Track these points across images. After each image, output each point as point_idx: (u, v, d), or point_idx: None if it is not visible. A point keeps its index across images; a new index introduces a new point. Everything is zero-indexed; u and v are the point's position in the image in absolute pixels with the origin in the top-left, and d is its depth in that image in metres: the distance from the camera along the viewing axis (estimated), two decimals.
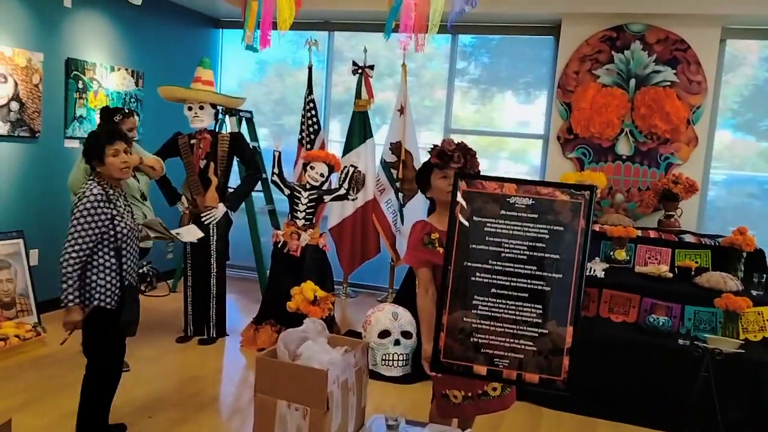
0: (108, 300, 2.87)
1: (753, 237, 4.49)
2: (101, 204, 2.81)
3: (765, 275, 4.33)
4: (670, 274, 4.42)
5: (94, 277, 2.84)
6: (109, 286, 2.86)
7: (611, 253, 4.68)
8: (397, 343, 4.26)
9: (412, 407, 3.86)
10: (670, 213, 5.21)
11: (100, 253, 2.84)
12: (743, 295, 3.94)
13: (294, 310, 4.39)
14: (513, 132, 6.51)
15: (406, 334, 4.28)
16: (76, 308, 2.82)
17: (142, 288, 6.07)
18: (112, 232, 2.85)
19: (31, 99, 4.94)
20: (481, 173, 2.61)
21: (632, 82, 5.58)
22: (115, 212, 2.86)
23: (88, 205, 2.78)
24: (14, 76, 4.79)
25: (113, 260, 2.87)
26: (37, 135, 5.02)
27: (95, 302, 2.85)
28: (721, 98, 5.69)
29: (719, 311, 3.93)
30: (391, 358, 4.25)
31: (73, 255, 2.76)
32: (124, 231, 2.89)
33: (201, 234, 3.56)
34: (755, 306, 3.93)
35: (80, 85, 5.39)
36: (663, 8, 5.37)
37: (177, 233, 3.33)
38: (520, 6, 5.66)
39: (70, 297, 2.80)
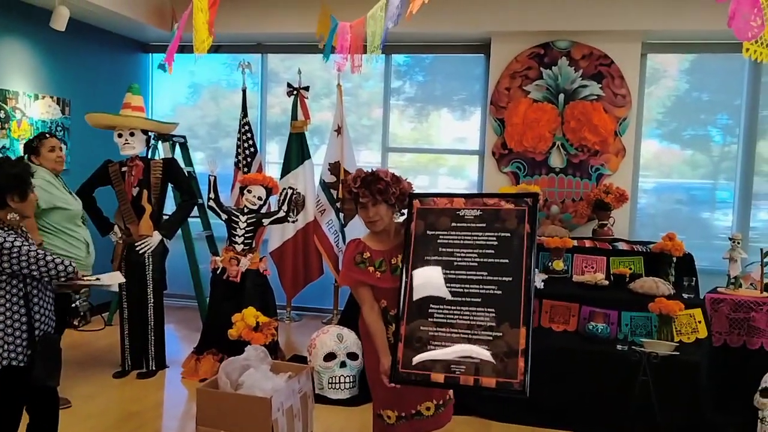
0: (18, 357, 2.59)
1: (682, 242, 4.67)
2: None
3: (694, 278, 4.51)
4: (606, 282, 4.55)
5: (1, 334, 2.57)
6: (18, 342, 2.59)
7: (549, 264, 4.78)
8: (343, 365, 4.27)
9: (361, 430, 3.82)
10: (603, 222, 5.37)
11: (8, 305, 2.58)
12: (675, 299, 4.10)
13: (236, 337, 4.30)
14: (450, 149, 6.60)
15: (352, 356, 4.29)
16: None
17: (75, 323, 5.82)
18: (15, 281, 2.59)
19: None
20: (421, 189, 2.69)
21: (561, 96, 5.75)
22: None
23: None
24: None
25: (22, 310, 2.60)
26: None
27: (4, 362, 2.57)
28: (646, 110, 5.94)
29: (654, 315, 4.06)
30: (338, 381, 4.26)
31: None
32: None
33: (123, 280, 3.44)
34: (687, 309, 4.08)
35: (2, 115, 5.17)
36: (586, 25, 5.58)
37: (98, 278, 3.15)
38: (450, 25, 5.78)
39: None
